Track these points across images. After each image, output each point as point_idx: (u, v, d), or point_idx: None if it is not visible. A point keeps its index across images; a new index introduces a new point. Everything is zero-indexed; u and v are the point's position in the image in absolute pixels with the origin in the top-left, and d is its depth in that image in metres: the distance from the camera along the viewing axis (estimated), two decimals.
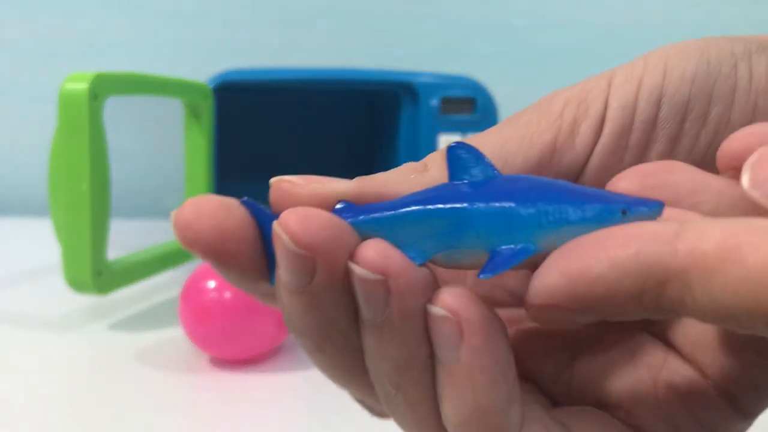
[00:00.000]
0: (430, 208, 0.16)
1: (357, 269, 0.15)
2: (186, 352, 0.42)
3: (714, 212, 0.16)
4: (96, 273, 0.42)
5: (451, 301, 0.15)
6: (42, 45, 0.81)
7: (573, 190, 0.15)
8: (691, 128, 0.18)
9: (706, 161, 0.18)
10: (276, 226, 0.15)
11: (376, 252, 0.15)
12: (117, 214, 0.47)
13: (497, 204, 0.15)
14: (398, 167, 0.18)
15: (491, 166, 0.16)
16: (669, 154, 0.18)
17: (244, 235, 0.17)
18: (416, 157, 0.70)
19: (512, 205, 0.15)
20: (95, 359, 0.42)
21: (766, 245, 0.13)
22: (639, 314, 0.14)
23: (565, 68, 0.85)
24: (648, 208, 0.15)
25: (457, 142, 0.16)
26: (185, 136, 0.55)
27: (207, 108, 0.54)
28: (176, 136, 0.57)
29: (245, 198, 0.17)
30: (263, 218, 0.17)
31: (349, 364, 0.17)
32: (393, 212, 0.16)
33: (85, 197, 0.41)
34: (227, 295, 0.39)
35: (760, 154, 0.15)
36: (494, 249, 0.15)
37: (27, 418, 0.34)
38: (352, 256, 0.15)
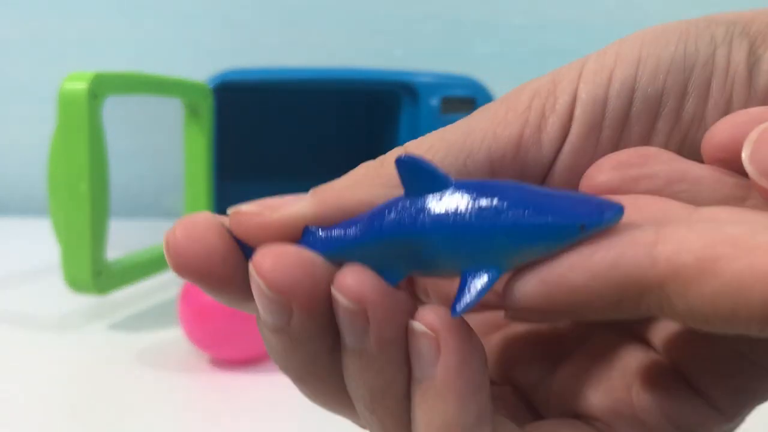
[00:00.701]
0: (392, 237, 0.15)
1: (341, 298, 0.15)
2: (185, 353, 0.42)
3: (694, 200, 0.16)
4: (95, 273, 0.42)
5: (432, 318, 0.15)
6: (42, 45, 0.81)
7: (531, 199, 0.15)
8: (664, 126, 0.18)
9: (680, 154, 0.17)
10: (251, 268, 0.15)
11: (353, 280, 0.15)
12: (116, 214, 0.47)
13: (458, 227, 0.15)
14: (355, 169, 0.18)
15: (444, 177, 0.15)
16: None
17: (234, 260, 0.16)
18: None
19: (473, 224, 0.15)
20: (95, 359, 0.42)
21: (742, 256, 0.13)
22: (616, 318, 0.14)
23: None
24: (606, 219, 0.14)
25: (406, 155, 0.16)
26: (185, 136, 0.55)
27: (206, 108, 0.54)
28: (176, 136, 0.57)
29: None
30: (247, 246, 0.17)
31: (331, 390, 0.17)
32: (358, 238, 0.16)
33: (84, 197, 0.41)
34: None
35: (762, 131, 0.15)
36: (463, 271, 0.15)
37: (26, 419, 0.34)
38: (333, 283, 0.15)
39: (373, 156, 0.19)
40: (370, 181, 0.17)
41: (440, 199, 0.15)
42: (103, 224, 0.43)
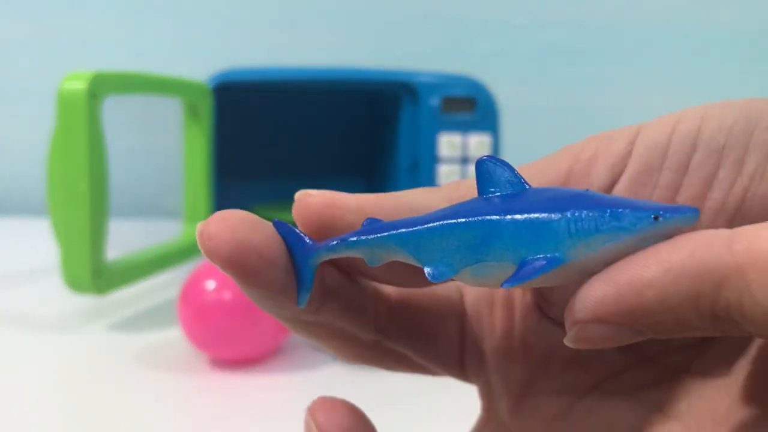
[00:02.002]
0: (458, 221, 0.15)
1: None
2: (185, 353, 0.42)
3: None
4: (94, 273, 0.42)
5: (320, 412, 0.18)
6: (41, 44, 0.81)
7: (602, 198, 0.15)
8: (726, 175, 0.17)
9: (742, 210, 0.17)
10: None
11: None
12: (116, 214, 0.47)
13: (525, 215, 0.15)
14: (417, 189, 0.18)
15: (520, 178, 0.16)
16: (701, 198, 0.18)
17: (269, 253, 0.16)
18: (416, 156, 0.70)
19: (540, 215, 0.15)
20: (94, 360, 0.41)
21: None
22: (693, 327, 0.14)
23: (565, 68, 0.85)
24: (682, 214, 0.14)
25: (487, 156, 0.16)
26: (184, 136, 0.55)
27: (206, 107, 0.54)
28: (175, 136, 0.56)
29: (276, 219, 0.17)
30: (293, 239, 0.17)
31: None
32: (421, 226, 0.16)
33: (83, 197, 0.41)
34: (227, 295, 0.38)
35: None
36: (522, 260, 0.15)
37: (26, 418, 0.34)
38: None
39: (372, 156, 0.20)
40: (430, 192, 0.18)
41: (515, 194, 0.16)
42: (103, 224, 0.43)
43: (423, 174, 0.60)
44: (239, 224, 0.16)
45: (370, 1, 0.83)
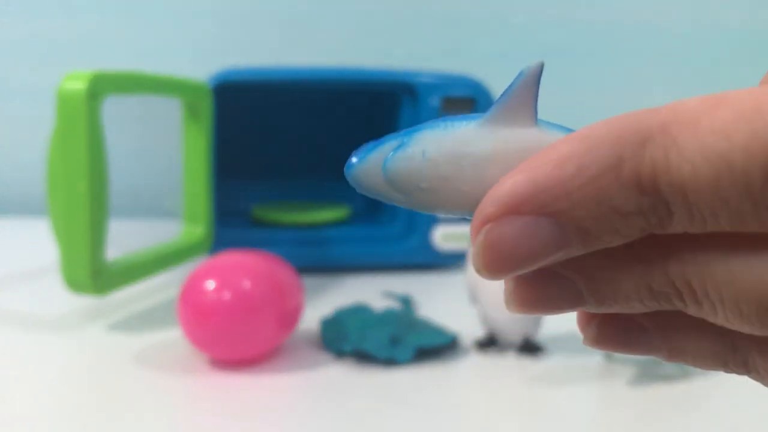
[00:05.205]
0: None
1: None
2: (185, 353, 0.42)
3: None
4: (94, 273, 0.42)
5: None
6: (41, 44, 0.81)
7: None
8: None
9: None
10: None
11: None
12: (115, 214, 0.47)
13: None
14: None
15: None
16: None
17: None
18: None
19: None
20: (94, 360, 0.41)
21: (752, 91, 0.11)
22: (618, 211, 0.12)
23: (565, 67, 0.85)
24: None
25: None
26: (184, 136, 0.55)
27: (206, 107, 0.54)
28: (175, 136, 0.56)
29: None
30: None
31: None
32: None
33: (83, 197, 0.41)
34: (227, 295, 0.38)
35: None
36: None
37: (26, 418, 0.34)
38: None
39: None
40: None
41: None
42: (103, 224, 0.43)
43: None
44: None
45: (370, 2, 0.83)
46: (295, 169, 0.74)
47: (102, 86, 0.41)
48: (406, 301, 0.52)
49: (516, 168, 0.13)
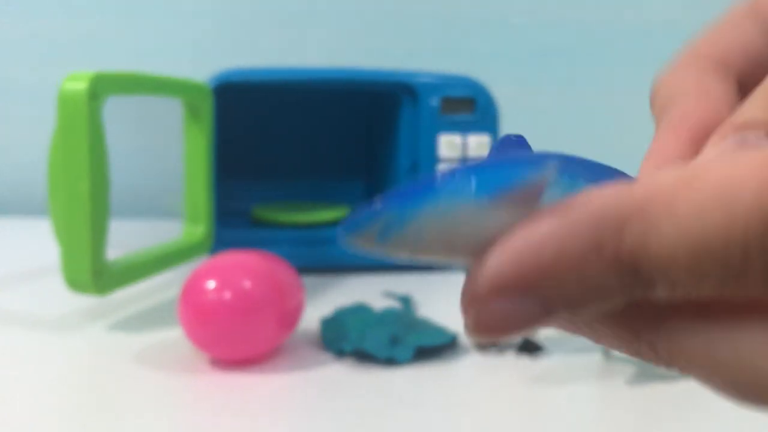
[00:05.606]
0: None
1: None
2: (185, 353, 0.42)
3: None
4: (95, 273, 0.42)
5: None
6: (42, 45, 0.81)
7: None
8: None
9: None
10: None
11: None
12: (117, 214, 0.47)
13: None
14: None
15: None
16: None
17: None
18: (416, 157, 0.70)
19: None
20: (94, 360, 0.42)
21: (722, 165, 0.12)
22: (600, 287, 0.13)
23: (564, 68, 0.85)
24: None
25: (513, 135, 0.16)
26: (185, 136, 0.55)
27: (206, 108, 0.54)
28: (176, 136, 0.57)
29: None
30: None
31: None
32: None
33: (84, 197, 0.41)
34: (227, 295, 0.39)
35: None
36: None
37: (26, 418, 0.34)
38: None
39: (372, 156, 0.19)
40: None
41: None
42: (103, 224, 0.43)
43: (423, 174, 0.60)
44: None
45: (370, 2, 0.83)
46: (295, 169, 0.74)
47: (103, 87, 0.42)
48: (406, 301, 0.52)
49: (500, 244, 0.13)
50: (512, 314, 0.13)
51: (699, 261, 0.12)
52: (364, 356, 0.42)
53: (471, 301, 0.13)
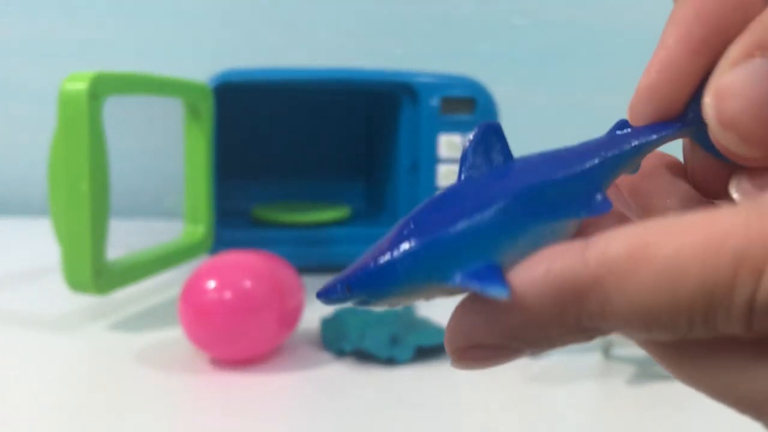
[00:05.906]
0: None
1: None
2: (186, 353, 0.42)
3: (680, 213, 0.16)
4: (95, 273, 0.42)
5: None
6: (42, 45, 0.81)
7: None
8: None
9: None
10: None
11: None
12: (117, 214, 0.47)
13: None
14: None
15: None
16: None
17: None
18: (416, 157, 0.70)
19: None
20: (95, 360, 0.42)
21: (669, 240, 0.13)
22: (563, 339, 0.14)
23: (565, 68, 0.85)
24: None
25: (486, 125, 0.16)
26: (185, 136, 0.55)
27: (207, 108, 0.54)
28: (176, 136, 0.57)
29: None
30: None
31: None
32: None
33: (84, 197, 0.41)
34: (227, 295, 0.39)
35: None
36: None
37: (26, 418, 0.34)
38: None
39: (372, 156, 0.19)
40: None
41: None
42: (104, 224, 0.43)
43: (423, 174, 0.60)
44: None
45: (370, 2, 0.83)
46: (295, 169, 0.74)
47: (103, 87, 0.42)
48: None
49: (472, 302, 0.15)
50: (489, 356, 0.15)
51: (650, 327, 0.13)
52: (364, 356, 0.42)
53: (450, 349, 0.15)
